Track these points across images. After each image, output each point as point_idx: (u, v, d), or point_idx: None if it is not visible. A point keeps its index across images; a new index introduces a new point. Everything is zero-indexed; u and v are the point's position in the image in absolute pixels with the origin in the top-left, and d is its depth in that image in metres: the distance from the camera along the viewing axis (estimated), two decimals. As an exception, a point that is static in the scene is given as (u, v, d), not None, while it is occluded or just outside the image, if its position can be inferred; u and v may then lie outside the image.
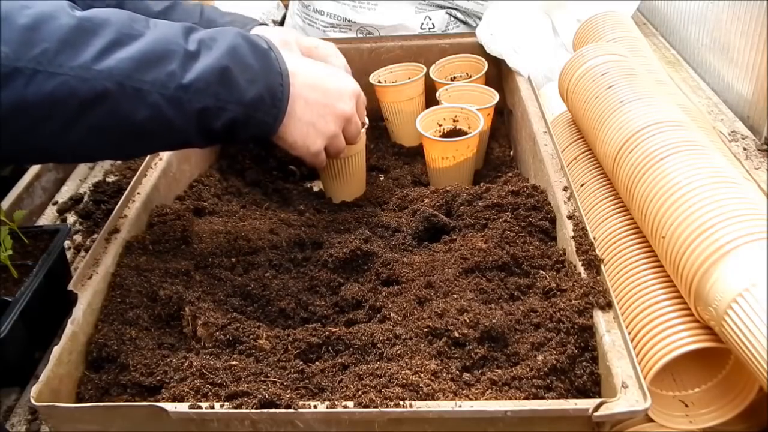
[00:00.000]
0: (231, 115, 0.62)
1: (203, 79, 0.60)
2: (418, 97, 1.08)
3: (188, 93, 0.59)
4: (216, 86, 0.60)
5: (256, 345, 0.61)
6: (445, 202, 0.82)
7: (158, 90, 0.57)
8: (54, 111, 0.54)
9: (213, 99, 0.61)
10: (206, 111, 0.61)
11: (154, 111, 0.58)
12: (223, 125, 0.63)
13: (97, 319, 0.64)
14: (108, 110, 0.56)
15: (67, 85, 0.53)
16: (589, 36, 1.01)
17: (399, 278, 0.69)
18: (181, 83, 0.58)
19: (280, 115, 0.66)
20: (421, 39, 1.19)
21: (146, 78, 0.57)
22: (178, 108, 0.59)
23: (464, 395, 0.53)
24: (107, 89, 0.55)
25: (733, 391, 0.58)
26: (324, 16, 1.32)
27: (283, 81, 0.66)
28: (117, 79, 0.55)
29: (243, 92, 0.62)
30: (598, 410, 0.48)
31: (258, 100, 0.64)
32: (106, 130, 0.57)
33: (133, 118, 0.57)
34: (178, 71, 0.58)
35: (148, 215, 0.79)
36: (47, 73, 0.53)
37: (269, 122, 0.66)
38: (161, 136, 0.61)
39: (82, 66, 0.54)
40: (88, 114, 0.55)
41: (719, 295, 0.51)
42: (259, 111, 0.64)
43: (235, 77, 0.62)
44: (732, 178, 0.58)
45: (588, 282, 0.61)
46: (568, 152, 0.87)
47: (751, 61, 1.01)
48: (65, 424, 0.55)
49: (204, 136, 0.63)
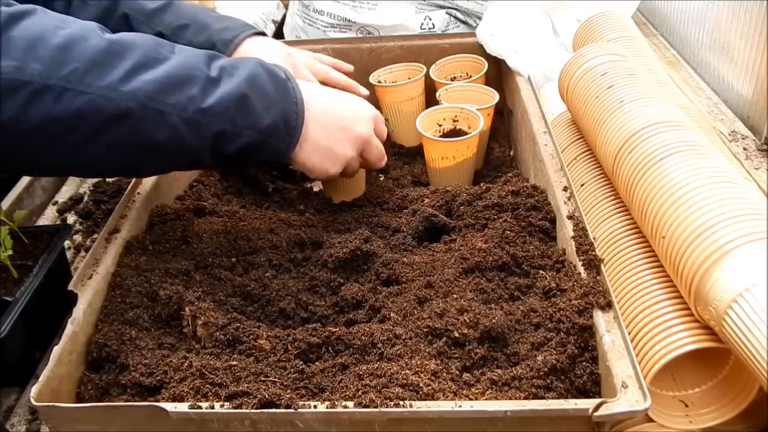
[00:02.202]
0: (246, 140, 0.65)
1: (222, 105, 0.62)
2: (418, 97, 1.08)
3: (206, 116, 0.62)
4: (233, 111, 0.63)
5: (256, 345, 0.61)
6: (445, 202, 0.82)
7: (178, 113, 0.60)
8: (78, 126, 0.57)
9: (230, 124, 0.63)
10: (222, 135, 0.63)
11: (173, 132, 0.60)
12: (237, 149, 0.65)
13: (97, 319, 0.64)
14: (129, 129, 0.58)
15: (94, 104, 0.56)
16: (589, 36, 1.01)
17: (399, 278, 0.69)
18: (201, 107, 0.61)
19: (294, 142, 0.69)
20: (421, 39, 1.19)
21: (168, 100, 0.59)
22: (195, 131, 0.61)
23: (464, 395, 0.53)
24: (130, 109, 0.58)
25: (733, 391, 0.58)
26: (324, 16, 1.32)
27: (298, 110, 0.68)
28: (141, 101, 0.58)
29: (259, 119, 0.65)
30: (598, 410, 0.48)
31: (273, 127, 0.66)
32: (124, 147, 0.60)
33: (151, 137, 0.60)
34: (198, 95, 0.61)
35: (148, 215, 0.79)
36: (76, 91, 0.55)
37: (282, 149, 0.68)
38: (175, 156, 0.64)
39: (108, 86, 0.57)
40: (109, 131, 0.58)
41: (719, 295, 0.51)
42: (273, 137, 0.67)
43: (253, 104, 0.64)
44: (732, 178, 0.58)
45: (588, 282, 0.61)
46: (568, 152, 0.87)
47: (751, 61, 1.01)
48: (65, 424, 0.55)
49: (217, 158, 0.66)
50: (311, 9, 1.34)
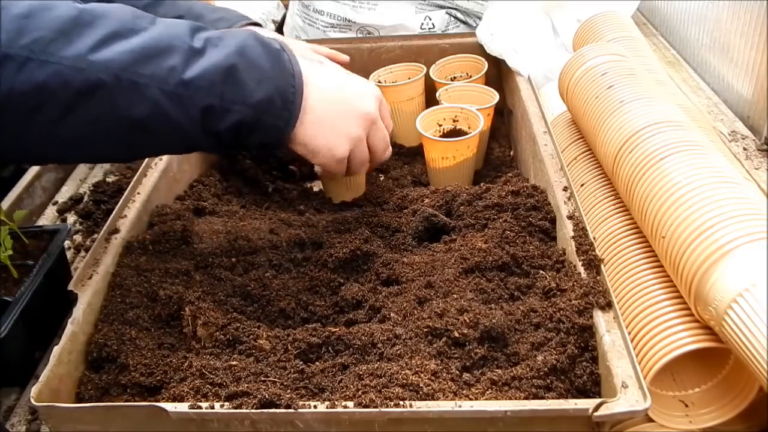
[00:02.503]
0: (237, 117, 0.59)
1: (207, 77, 0.57)
2: (418, 97, 1.08)
3: (189, 89, 0.56)
4: (221, 85, 0.57)
5: (256, 345, 0.61)
6: (445, 202, 0.82)
7: (157, 84, 0.55)
8: (46, 101, 0.52)
9: (217, 98, 0.57)
10: (210, 111, 0.58)
11: (153, 106, 0.55)
12: (230, 128, 0.59)
13: (97, 319, 0.64)
14: (103, 103, 0.53)
15: (60, 75, 0.51)
16: (589, 36, 1.01)
17: (399, 278, 0.69)
18: (182, 78, 0.56)
19: (292, 120, 0.63)
20: (421, 39, 1.19)
21: (144, 71, 0.54)
22: (179, 105, 0.56)
23: (464, 395, 0.53)
24: (102, 81, 0.52)
25: (733, 391, 0.58)
26: (324, 16, 1.32)
27: (295, 83, 0.62)
28: (113, 71, 0.53)
29: (250, 93, 0.59)
30: (598, 410, 0.48)
31: (267, 101, 0.60)
32: (102, 124, 0.55)
33: (130, 112, 0.54)
34: (179, 66, 0.56)
35: (148, 215, 0.79)
36: (39, 61, 0.50)
37: (280, 126, 0.62)
38: (165, 136, 0.58)
39: (76, 56, 0.52)
40: (81, 106, 0.53)
41: (719, 295, 0.51)
42: (268, 114, 0.61)
43: (243, 77, 0.58)
44: (732, 178, 0.58)
45: (588, 282, 0.61)
46: (568, 152, 0.87)
47: (751, 61, 1.01)
48: (65, 424, 0.55)
49: (211, 139, 0.60)
50: (311, 9, 1.34)
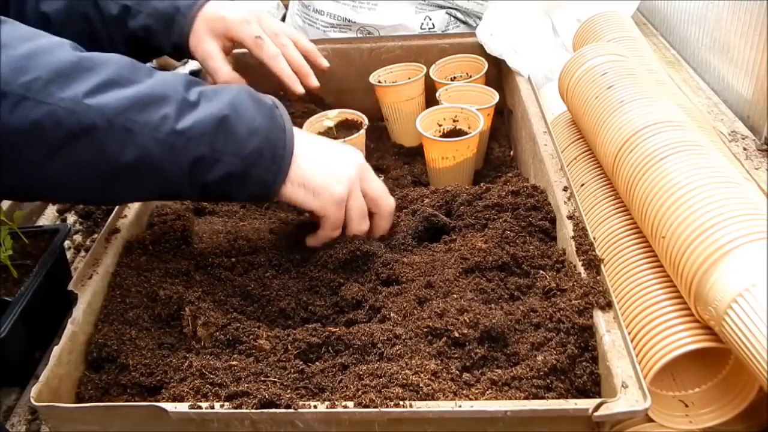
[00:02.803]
0: (227, 168, 0.59)
1: (199, 127, 0.57)
2: (418, 97, 1.08)
3: (181, 139, 0.57)
4: (212, 136, 0.58)
5: (256, 345, 0.61)
6: (445, 202, 0.82)
7: (149, 132, 0.56)
8: (36, 140, 0.52)
9: (208, 149, 0.58)
10: (201, 161, 0.58)
11: (143, 153, 0.56)
12: (218, 179, 0.60)
13: (97, 319, 0.64)
14: (93, 146, 0.54)
15: (54, 116, 0.52)
16: (589, 36, 1.01)
17: (399, 278, 0.69)
18: (175, 128, 0.56)
19: (281, 174, 0.63)
20: (421, 39, 1.19)
21: (137, 118, 0.55)
22: (169, 154, 0.57)
23: (464, 395, 0.53)
24: (95, 124, 0.54)
25: (733, 391, 0.58)
26: (324, 16, 1.32)
27: (286, 138, 0.63)
28: (107, 117, 0.54)
29: (241, 144, 0.59)
30: (598, 410, 0.48)
31: (257, 154, 0.60)
32: (91, 167, 0.55)
33: (119, 157, 0.55)
34: (172, 116, 0.57)
35: (148, 215, 0.79)
36: (35, 101, 0.52)
37: (268, 181, 0.62)
38: (150, 183, 0.59)
39: (72, 98, 0.53)
40: (71, 147, 0.54)
41: (719, 295, 0.51)
42: (256, 166, 0.61)
43: (234, 128, 0.59)
44: (732, 178, 0.58)
45: (588, 282, 0.61)
46: (568, 152, 0.87)
47: (751, 61, 1.01)
48: (65, 424, 0.55)
49: (197, 189, 0.60)
50: (311, 9, 1.34)
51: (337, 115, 1.01)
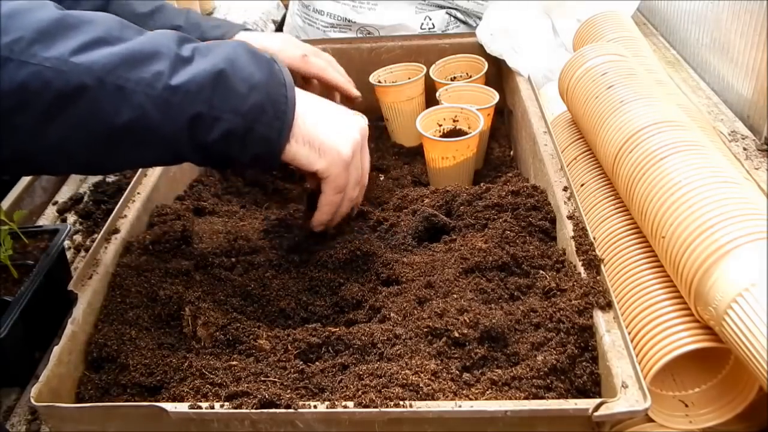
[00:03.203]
0: (227, 126, 0.56)
1: (195, 82, 0.55)
2: (418, 97, 1.08)
3: (177, 95, 0.54)
4: (210, 91, 0.55)
5: (256, 345, 0.61)
6: (445, 202, 0.82)
7: (143, 89, 0.53)
8: (27, 103, 0.50)
9: (206, 105, 0.55)
10: (199, 119, 0.55)
11: (139, 113, 0.53)
12: (219, 138, 0.57)
13: (97, 319, 0.64)
14: (87, 107, 0.52)
15: (41, 77, 0.50)
16: (589, 36, 1.01)
17: (399, 278, 0.69)
18: (169, 84, 0.54)
19: (285, 129, 0.59)
20: (421, 39, 1.19)
21: (130, 75, 0.52)
22: (165, 112, 0.54)
23: (464, 395, 0.53)
24: (85, 84, 0.51)
25: (733, 391, 0.58)
26: (324, 16, 1.32)
27: (287, 93, 0.59)
28: (97, 75, 0.51)
29: (241, 100, 0.57)
30: (598, 410, 0.48)
31: (258, 110, 0.57)
32: (85, 130, 0.53)
33: (114, 118, 0.53)
34: (166, 71, 0.54)
35: (148, 215, 0.79)
36: (19, 61, 0.49)
37: (272, 137, 0.59)
38: (149, 145, 0.56)
39: (58, 58, 0.50)
40: (65, 110, 0.51)
41: (719, 295, 0.51)
42: (259, 123, 0.58)
43: (232, 84, 0.56)
44: (732, 178, 0.58)
45: (588, 282, 0.61)
46: (568, 152, 0.87)
47: (751, 61, 1.01)
48: (65, 424, 0.55)
49: (198, 151, 0.58)
50: (311, 9, 1.34)
51: None
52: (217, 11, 1.60)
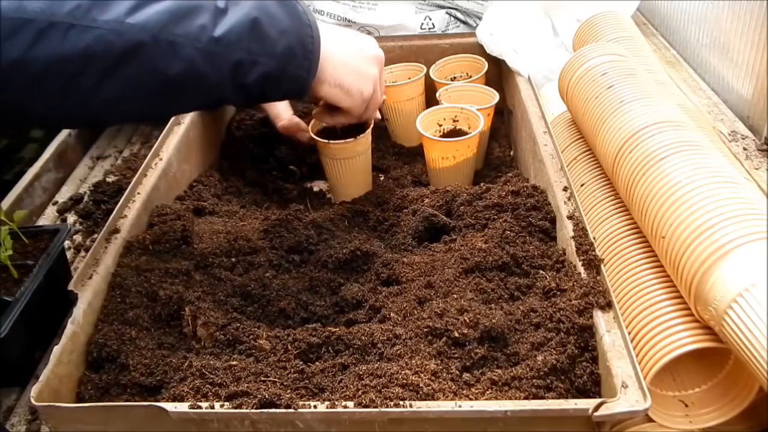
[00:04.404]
0: (263, 69, 0.62)
1: (234, 32, 0.60)
2: (418, 97, 1.08)
3: (220, 46, 0.59)
4: (247, 39, 0.60)
5: (256, 345, 0.61)
6: (445, 202, 0.82)
7: (191, 43, 0.57)
8: (90, 65, 0.54)
9: (245, 52, 0.60)
10: (239, 65, 0.61)
11: (188, 65, 0.58)
12: (257, 80, 0.62)
13: (97, 319, 0.64)
14: (143, 63, 0.56)
15: (103, 39, 0.54)
16: (589, 36, 1.01)
17: (399, 278, 0.69)
18: (213, 36, 0.58)
19: (313, 68, 0.66)
20: (421, 39, 1.19)
21: (178, 31, 0.57)
22: (211, 62, 0.59)
23: (464, 395, 0.53)
24: (142, 41, 0.55)
25: (733, 391, 0.58)
26: (324, 16, 1.32)
27: (313, 33, 0.65)
28: (151, 32, 0.56)
29: (274, 44, 0.62)
30: (598, 410, 0.48)
31: (289, 52, 0.63)
32: (141, 84, 0.57)
33: (167, 71, 0.57)
34: (209, 24, 0.59)
35: (148, 215, 0.79)
36: (81, 26, 0.53)
37: (302, 76, 0.65)
38: (196, 93, 0.61)
39: (116, 20, 0.54)
40: (123, 67, 0.56)
41: (719, 295, 0.51)
42: (291, 64, 0.64)
43: (266, 29, 0.61)
44: (732, 178, 0.58)
45: (588, 282, 0.61)
46: (568, 152, 0.87)
47: (751, 61, 1.01)
48: (65, 424, 0.55)
49: (239, 92, 0.63)
50: (311, 9, 1.34)
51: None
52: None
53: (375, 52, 0.76)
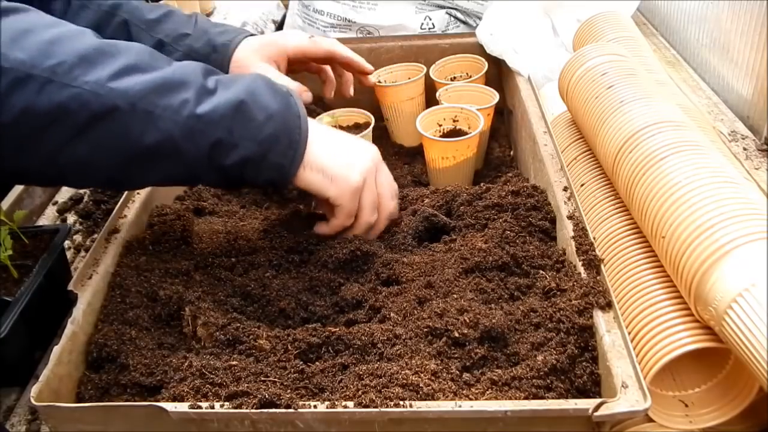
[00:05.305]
0: (244, 153, 0.61)
1: (218, 112, 0.60)
2: (418, 97, 1.08)
3: (201, 123, 0.59)
4: (230, 120, 0.60)
5: (256, 345, 0.61)
6: (445, 202, 0.82)
7: (170, 116, 0.57)
8: (61, 121, 0.54)
9: (226, 133, 0.60)
10: (219, 145, 0.60)
11: (164, 136, 0.58)
12: (236, 163, 0.62)
13: (97, 319, 0.64)
14: (117, 128, 0.56)
15: (79, 98, 0.54)
16: (589, 36, 1.01)
17: (399, 278, 0.69)
18: (195, 112, 0.58)
19: (297, 158, 0.65)
20: (421, 39, 1.19)
21: (159, 102, 0.57)
22: (189, 138, 0.59)
23: (464, 395, 0.53)
24: (118, 107, 0.55)
25: (733, 391, 0.58)
26: (324, 16, 1.32)
27: (301, 124, 0.65)
28: (130, 99, 0.56)
29: (258, 129, 0.62)
30: (598, 410, 0.48)
31: (273, 139, 0.63)
32: (112, 148, 0.57)
33: (141, 139, 0.57)
34: (192, 100, 0.59)
35: (148, 215, 0.79)
36: (61, 83, 0.54)
37: (284, 165, 0.64)
38: (169, 166, 0.61)
39: (96, 82, 0.55)
40: (96, 128, 0.55)
41: (719, 295, 0.51)
42: (273, 151, 0.63)
43: (251, 113, 0.61)
44: (732, 178, 0.58)
45: (588, 282, 0.61)
46: (568, 152, 0.87)
47: (751, 61, 1.01)
48: (65, 424, 0.55)
49: (216, 173, 0.62)
50: (311, 9, 1.34)
51: (345, 115, 1.02)
52: (217, 11, 1.59)
53: (372, 152, 0.72)
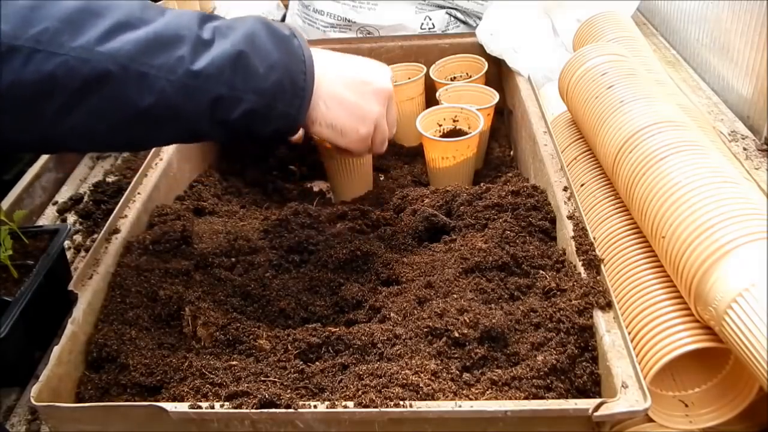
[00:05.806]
0: (248, 106, 0.58)
1: (216, 66, 0.56)
2: (418, 97, 1.08)
3: (199, 80, 0.56)
4: (230, 73, 0.57)
5: (256, 345, 0.61)
6: (445, 202, 0.82)
7: (165, 75, 0.54)
8: (53, 92, 0.51)
9: (227, 88, 0.57)
10: (220, 101, 0.57)
11: (160, 97, 0.54)
12: (241, 117, 0.58)
13: (97, 319, 0.64)
14: (110, 94, 0.53)
15: (67, 66, 0.51)
16: (589, 36, 1.01)
17: (399, 278, 0.69)
18: (191, 69, 0.55)
19: (304, 106, 0.62)
20: (421, 39, 1.19)
21: (152, 62, 0.54)
22: (187, 97, 0.56)
23: (464, 395, 0.53)
24: (110, 71, 0.52)
25: (733, 391, 0.58)
26: (324, 16, 1.32)
27: (306, 69, 0.61)
28: (120, 62, 0.52)
29: (260, 80, 0.58)
30: (598, 410, 0.48)
31: (277, 89, 0.59)
32: (108, 114, 0.54)
33: (138, 103, 0.54)
34: (188, 57, 0.55)
35: (148, 215, 0.79)
36: (47, 52, 0.50)
37: (291, 113, 0.61)
38: (172, 126, 0.58)
39: (83, 47, 0.51)
40: (89, 96, 0.53)
41: (719, 295, 0.51)
42: (278, 101, 0.60)
43: (252, 64, 0.58)
44: (732, 178, 0.58)
45: (588, 282, 0.61)
46: (568, 152, 0.87)
47: (751, 61, 1.01)
48: (65, 424, 0.55)
49: (221, 128, 0.59)
50: (311, 9, 1.34)
51: None
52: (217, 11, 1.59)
53: (379, 85, 0.68)
